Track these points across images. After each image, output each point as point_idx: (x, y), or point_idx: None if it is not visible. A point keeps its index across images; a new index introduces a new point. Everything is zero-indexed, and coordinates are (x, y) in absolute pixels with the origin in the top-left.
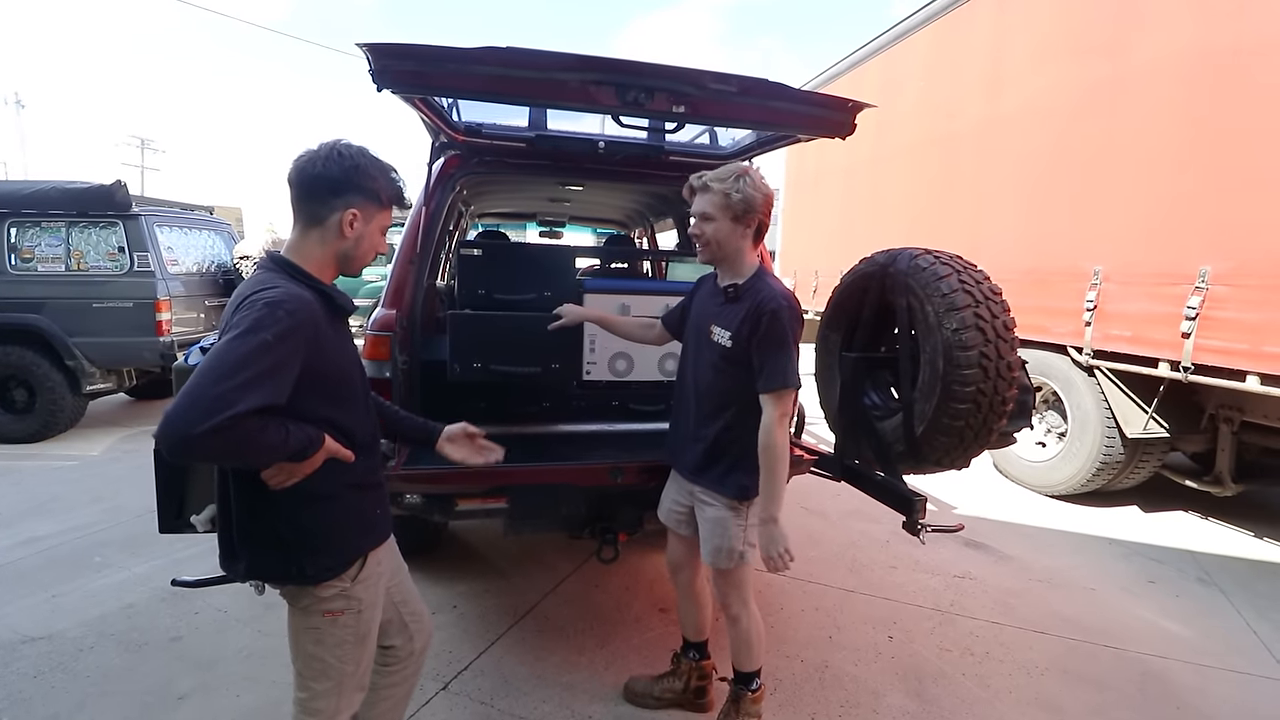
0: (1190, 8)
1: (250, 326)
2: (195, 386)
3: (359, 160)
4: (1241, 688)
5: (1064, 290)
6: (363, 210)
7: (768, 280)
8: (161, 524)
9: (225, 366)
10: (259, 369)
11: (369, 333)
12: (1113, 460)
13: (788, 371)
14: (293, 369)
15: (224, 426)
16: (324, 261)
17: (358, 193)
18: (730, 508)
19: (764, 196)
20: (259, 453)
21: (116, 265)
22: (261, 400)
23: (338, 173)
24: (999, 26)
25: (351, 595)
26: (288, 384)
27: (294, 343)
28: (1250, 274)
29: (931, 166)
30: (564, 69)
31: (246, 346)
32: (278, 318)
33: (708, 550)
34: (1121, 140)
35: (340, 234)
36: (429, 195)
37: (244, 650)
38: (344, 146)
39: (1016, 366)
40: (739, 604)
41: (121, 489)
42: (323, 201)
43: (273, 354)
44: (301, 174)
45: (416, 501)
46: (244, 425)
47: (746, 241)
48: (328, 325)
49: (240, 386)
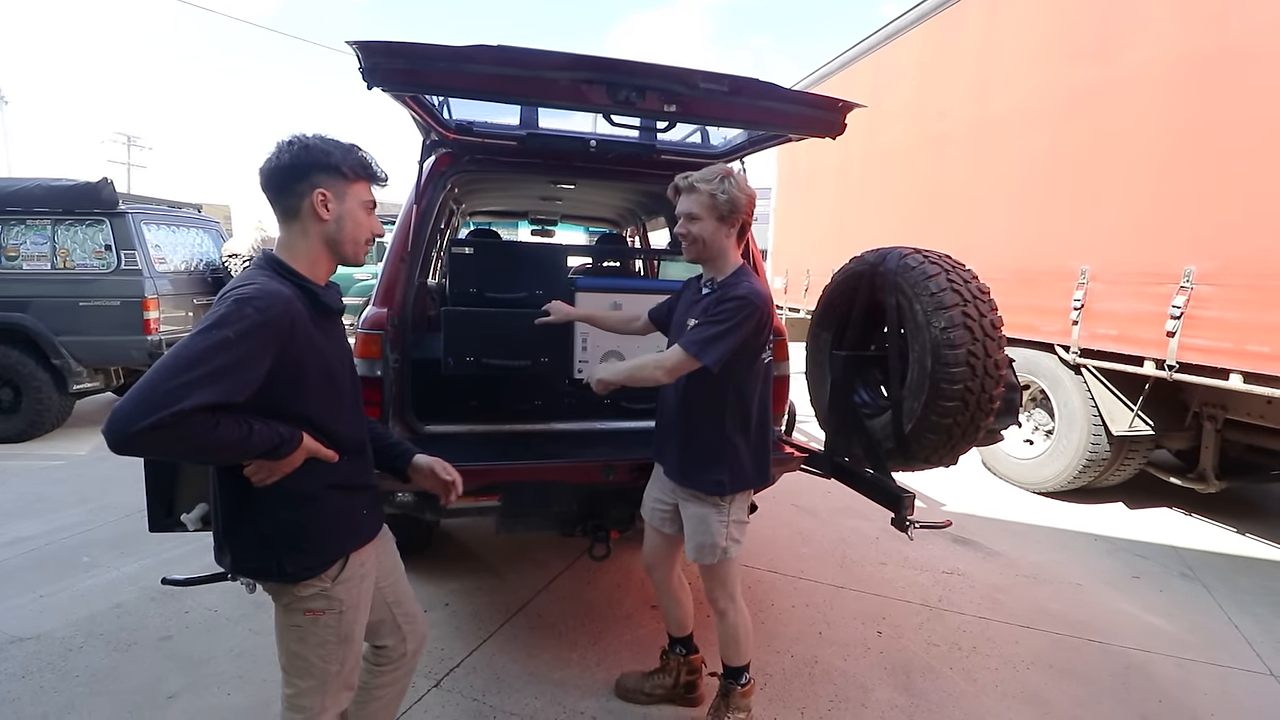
0: (1177, 13)
1: (214, 322)
2: (147, 381)
3: (309, 141)
4: (1223, 680)
5: (1052, 289)
6: (330, 188)
7: (745, 277)
8: (152, 523)
9: (181, 362)
10: (214, 365)
11: (360, 331)
12: (1099, 457)
13: (703, 344)
14: (256, 366)
15: (164, 423)
16: (314, 254)
17: (318, 170)
18: (712, 504)
19: (747, 197)
20: (212, 450)
21: (103, 263)
22: (212, 397)
23: (290, 159)
24: (989, 28)
25: (332, 595)
26: (249, 382)
27: (259, 340)
28: (1234, 273)
29: (923, 166)
30: (555, 68)
31: (206, 342)
32: (244, 314)
33: (691, 546)
34: (1109, 142)
35: (318, 218)
36: (420, 193)
37: (235, 649)
38: (295, 136)
39: (1003, 365)
40: (725, 599)
41: (109, 488)
42: (290, 191)
43: (232, 351)
44: (265, 174)
45: (408, 499)
46: (190, 422)
47: (731, 240)
48: (311, 324)
49: (190, 383)
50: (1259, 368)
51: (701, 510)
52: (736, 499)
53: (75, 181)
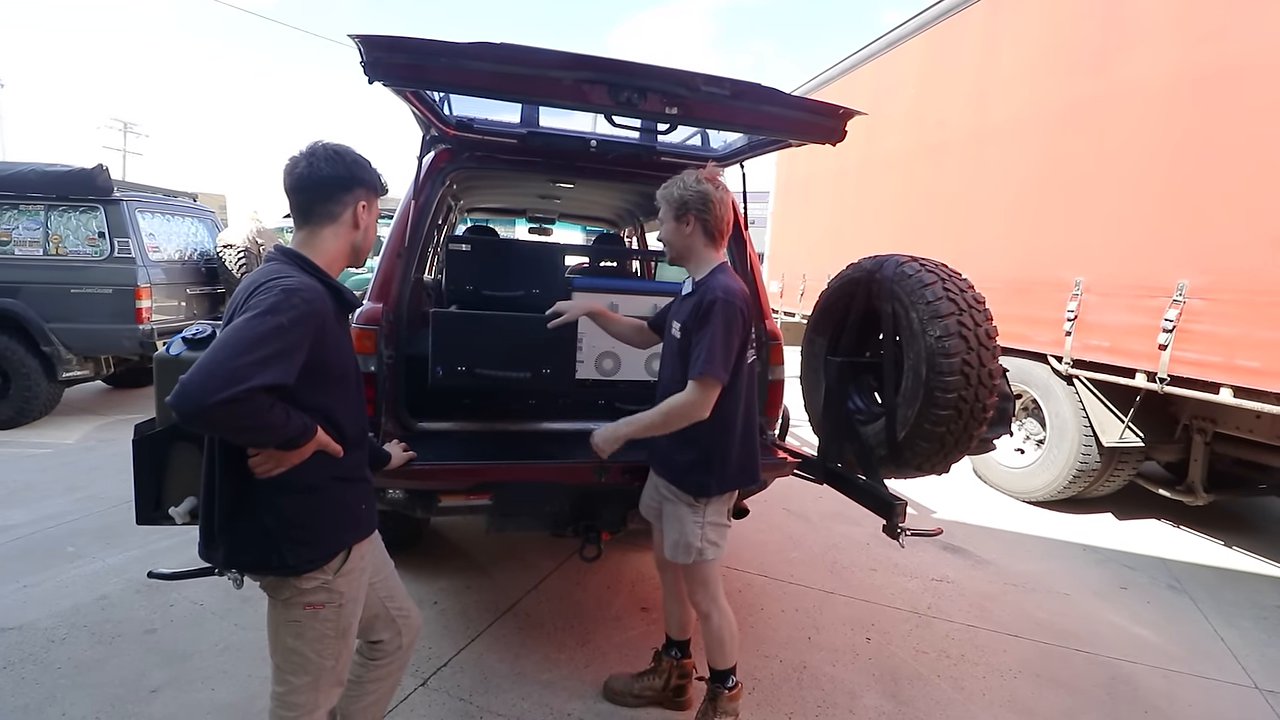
0: (1174, 31)
1: (268, 309)
2: (212, 360)
3: (356, 156)
4: (1208, 693)
5: (1046, 300)
6: (368, 200)
7: (720, 275)
8: (139, 515)
9: (243, 343)
10: (274, 349)
11: (354, 326)
12: (1089, 468)
13: (712, 361)
14: (302, 354)
15: (240, 398)
16: (336, 255)
17: (362, 185)
18: (688, 504)
19: (697, 193)
20: (264, 430)
21: (96, 251)
22: (274, 378)
23: (344, 170)
24: (989, 39)
25: (333, 588)
26: (296, 368)
27: (305, 330)
28: (1226, 288)
29: (921, 174)
30: (557, 66)
31: (264, 326)
32: (294, 304)
33: (668, 544)
34: (1105, 155)
35: (354, 225)
36: (418, 189)
37: (220, 644)
38: (335, 145)
39: (997, 374)
40: (707, 601)
41: (96, 478)
42: (336, 199)
43: (286, 337)
44: (306, 179)
45: (399, 496)
46: (256, 400)
47: (695, 239)
48: (334, 320)
49: (256, 363)
50: (1249, 382)
51: (678, 510)
52: (713, 502)
53: (70, 167)
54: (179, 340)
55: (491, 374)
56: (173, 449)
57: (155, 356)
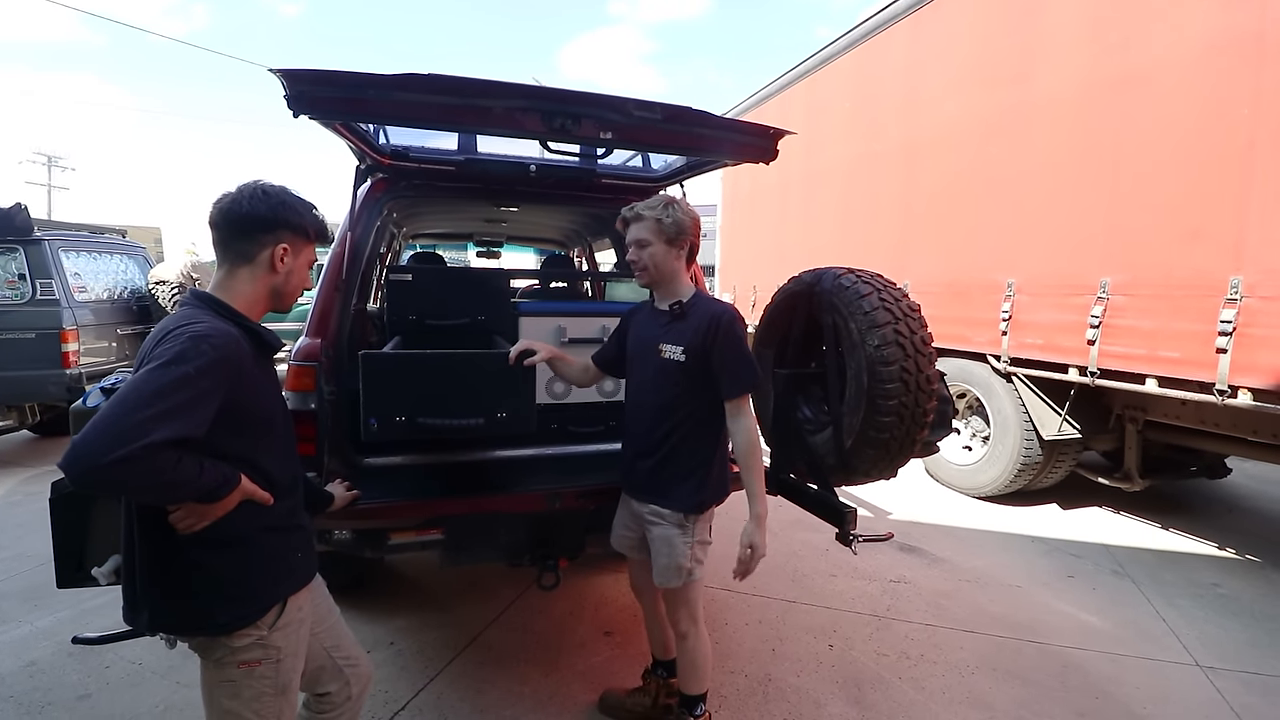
0: (1084, 42)
1: (172, 358)
2: (109, 415)
3: (285, 197)
4: (1153, 675)
5: (982, 302)
6: (292, 245)
7: (704, 296)
8: (60, 578)
9: (143, 396)
10: (177, 400)
11: (292, 363)
12: (1032, 461)
13: (751, 374)
14: (212, 404)
15: (135, 456)
16: (254, 298)
17: (286, 228)
18: (678, 524)
19: (692, 219)
20: (170, 487)
21: (17, 294)
22: (177, 432)
23: (265, 210)
24: (914, 55)
25: (269, 644)
26: (206, 419)
27: (216, 378)
28: (1144, 284)
29: (859, 185)
30: (488, 95)
31: (167, 377)
32: (201, 351)
33: (657, 569)
34: (1028, 161)
35: (272, 269)
36: (354, 219)
37: (160, 705)
38: (268, 185)
39: (935, 379)
40: (688, 621)
41: (23, 535)
42: (253, 239)
43: (193, 387)
44: (228, 214)
45: (346, 537)
46: (156, 457)
47: (681, 263)
48: (253, 364)
49: (156, 417)
50: (1171, 372)
51: (667, 532)
52: (700, 519)
53: None
54: (97, 391)
55: (437, 423)
56: (94, 506)
57: (71, 409)
